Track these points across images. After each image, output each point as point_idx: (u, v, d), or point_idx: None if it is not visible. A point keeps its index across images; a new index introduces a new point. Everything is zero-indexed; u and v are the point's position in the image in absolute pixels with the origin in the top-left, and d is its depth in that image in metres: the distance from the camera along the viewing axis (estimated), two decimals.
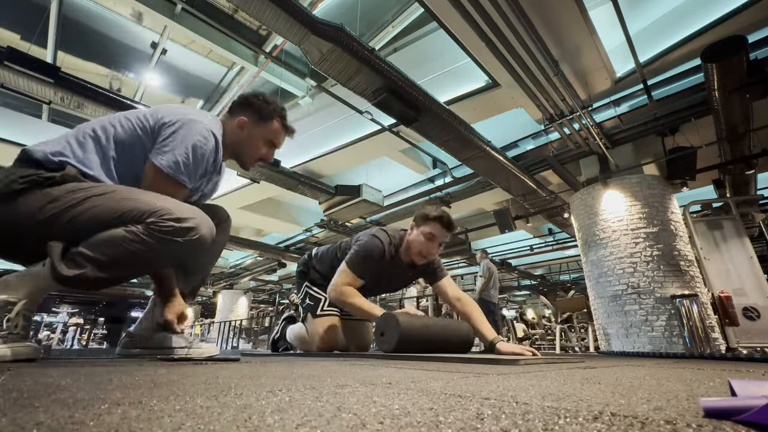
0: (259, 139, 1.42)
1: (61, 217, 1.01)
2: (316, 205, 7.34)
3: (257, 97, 1.41)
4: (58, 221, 1.01)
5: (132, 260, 1.04)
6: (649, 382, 0.67)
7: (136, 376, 0.64)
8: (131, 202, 1.05)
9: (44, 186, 1.02)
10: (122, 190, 1.09)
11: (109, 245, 1.02)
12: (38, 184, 1.02)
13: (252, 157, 1.43)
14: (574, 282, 14.78)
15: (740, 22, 3.90)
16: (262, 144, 1.43)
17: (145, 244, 1.03)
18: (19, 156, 1.09)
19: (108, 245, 1.02)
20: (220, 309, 14.41)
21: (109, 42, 5.60)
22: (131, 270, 1.09)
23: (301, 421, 0.32)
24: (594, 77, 4.67)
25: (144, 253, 1.04)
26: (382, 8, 5.00)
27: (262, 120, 1.41)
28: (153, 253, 1.05)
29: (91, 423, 0.29)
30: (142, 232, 1.03)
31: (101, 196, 1.05)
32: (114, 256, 1.02)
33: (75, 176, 1.06)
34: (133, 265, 1.07)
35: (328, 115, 6.19)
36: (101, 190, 1.06)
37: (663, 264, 4.61)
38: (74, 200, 1.02)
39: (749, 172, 5.33)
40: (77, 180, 1.07)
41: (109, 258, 1.01)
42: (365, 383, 0.61)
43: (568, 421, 0.33)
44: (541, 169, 5.99)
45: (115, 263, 1.03)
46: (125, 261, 1.03)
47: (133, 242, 1.02)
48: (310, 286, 2.12)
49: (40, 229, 1.01)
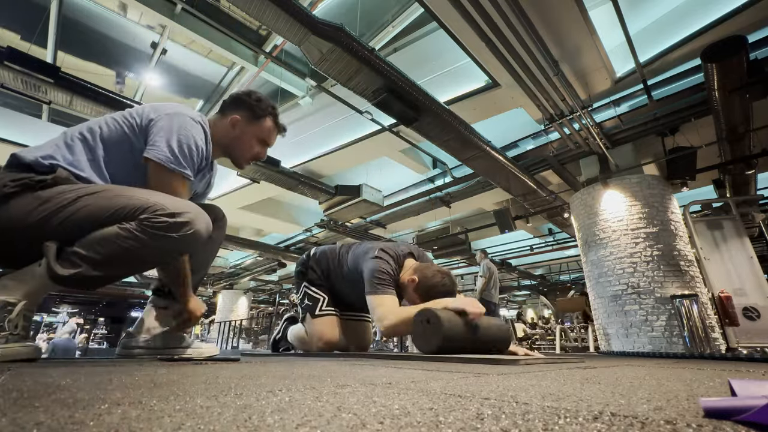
0: (251, 138, 1.42)
1: (53, 219, 1.01)
2: (316, 205, 7.34)
3: (249, 96, 1.41)
4: (50, 223, 1.01)
5: (127, 257, 1.03)
6: (649, 382, 0.67)
7: (136, 376, 0.64)
8: (123, 200, 1.05)
9: (36, 189, 1.02)
10: (114, 188, 1.09)
11: (103, 243, 1.01)
12: (30, 187, 1.01)
13: (245, 155, 1.43)
14: (574, 282, 14.80)
15: (740, 22, 3.90)
16: (255, 142, 1.43)
17: (139, 240, 1.02)
18: (9, 161, 1.08)
19: (102, 243, 1.01)
20: (220, 309, 14.41)
21: (109, 42, 5.60)
22: (127, 268, 1.09)
23: (301, 421, 0.32)
24: (594, 77, 4.67)
25: (138, 250, 1.03)
26: (382, 8, 5.00)
27: (254, 118, 1.41)
28: (148, 250, 1.04)
29: (91, 423, 0.29)
30: (136, 229, 1.02)
31: (93, 195, 1.04)
32: (108, 254, 1.01)
33: (66, 178, 1.06)
34: (128, 263, 1.06)
35: (328, 115, 6.19)
36: (93, 189, 1.06)
37: (663, 264, 4.61)
38: (66, 201, 1.02)
39: (749, 172, 5.33)
40: (69, 182, 1.06)
41: (103, 256, 1.01)
42: (365, 383, 0.61)
43: (568, 421, 0.33)
44: (541, 169, 5.99)
45: (110, 261, 1.02)
46: (120, 258, 1.03)
47: (126, 239, 1.01)
48: (308, 286, 2.11)
49: (33, 232, 1.01)
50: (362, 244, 1.97)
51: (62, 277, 0.98)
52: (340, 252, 2.08)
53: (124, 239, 1.01)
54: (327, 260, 2.10)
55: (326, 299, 2.05)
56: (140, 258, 1.06)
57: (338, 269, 2.04)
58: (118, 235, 1.01)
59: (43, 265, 0.99)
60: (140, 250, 1.03)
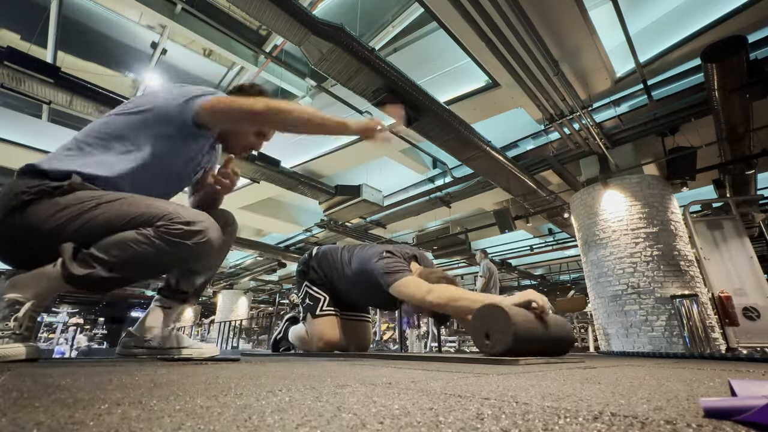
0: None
1: (71, 224, 1.04)
2: (316, 205, 7.34)
3: (252, 87, 1.43)
4: (67, 229, 1.04)
5: (141, 262, 1.06)
6: (649, 382, 0.67)
7: (136, 376, 0.64)
8: (141, 208, 1.08)
9: (53, 195, 1.05)
10: (132, 197, 1.12)
11: (119, 247, 1.04)
12: (47, 194, 1.04)
13: (240, 143, 1.43)
14: (574, 282, 14.79)
15: (740, 22, 3.90)
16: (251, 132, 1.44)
17: (154, 246, 1.06)
18: (22, 169, 1.10)
19: (118, 247, 1.04)
20: (220, 309, 14.41)
21: (109, 42, 5.60)
22: (140, 271, 1.12)
23: (301, 421, 0.32)
24: (594, 77, 4.67)
25: (153, 255, 1.06)
26: (382, 8, 5.00)
27: None
28: (162, 255, 1.08)
29: (91, 423, 0.29)
30: (152, 235, 1.06)
31: (112, 202, 1.07)
32: (123, 258, 1.04)
33: (82, 184, 1.09)
34: (141, 267, 1.09)
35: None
36: (112, 197, 1.09)
37: (663, 264, 4.61)
38: (85, 208, 1.05)
39: (749, 172, 5.33)
40: (84, 188, 1.09)
41: (118, 259, 1.04)
42: (365, 383, 0.61)
43: (568, 421, 0.33)
44: (541, 169, 5.99)
45: (125, 264, 1.05)
46: (134, 262, 1.06)
47: (142, 244, 1.05)
48: (309, 285, 2.11)
49: (50, 237, 1.03)
50: (365, 248, 1.94)
51: (76, 277, 1.01)
52: (341, 252, 2.08)
53: (141, 244, 1.05)
54: (328, 260, 2.10)
55: (327, 299, 2.05)
56: (153, 263, 1.09)
57: (340, 269, 2.03)
58: (136, 240, 1.05)
59: (58, 264, 1.02)
60: (155, 255, 1.07)
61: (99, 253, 1.03)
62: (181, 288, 1.37)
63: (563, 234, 9.65)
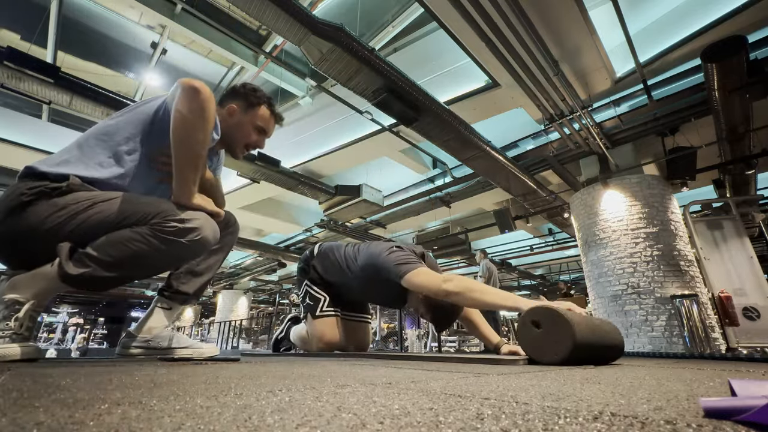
0: (248, 125, 1.44)
1: (68, 224, 1.05)
2: (316, 205, 7.34)
3: (244, 87, 1.45)
4: (65, 228, 1.05)
5: (136, 260, 1.07)
6: (649, 382, 0.67)
7: (136, 376, 0.64)
8: (136, 206, 1.09)
9: (52, 196, 1.06)
10: (128, 196, 1.12)
11: (115, 246, 1.05)
12: (46, 195, 1.05)
13: (242, 142, 1.45)
14: (574, 282, 14.79)
15: (740, 22, 3.90)
16: (252, 129, 1.45)
17: (149, 244, 1.06)
18: (23, 172, 1.12)
19: (113, 246, 1.05)
20: (220, 309, 14.42)
21: (109, 42, 5.60)
22: (136, 270, 1.12)
23: (301, 421, 0.32)
24: (594, 77, 4.67)
25: (148, 253, 1.07)
26: (382, 8, 5.00)
27: (250, 106, 1.44)
28: (157, 253, 1.08)
29: (91, 423, 0.29)
30: (147, 233, 1.06)
31: (107, 201, 1.08)
32: (119, 257, 1.05)
33: (80, 185, 1.10)
34: (137, 265, 1.09)
35: (328, 115, 6.19)
36: (107, 196, 1.10)
37: (663, 264, 4.61)
38: (81, 207, 1.06)
39: (749, 172, 5.33)
40: (83, 189, 1.10)
41: (114, 258, 1.04)
42: (365, 383, 0.61)
43: (568, 421, 0.33)
44: (541, 169, 5.99)
45: (120, 263, 1.05)
46: (130, 261, 1.06)
47: (137, 242, 1.05)
48: (310, 285, 2.10)
49: (48, 237, 1.04)
50: (372, 245, 1.91)
51: (72, 276, 1.01)
52: (346, 249, 2.05)
53: (135, 242, 1.05)
54: (330, 258, 2.06)
55: (327, 299, 2.04)
56: (149, 261, 1.09)
57: (344, 266, 1.98)
58: (130, 239, 1.05)
59: (55, 264, 1.03)
60: (150, 254, 1.07)
61: (94, 252, 1.04)
62: (181, 289, 1.37)
63: (563, 234, 9.65)
